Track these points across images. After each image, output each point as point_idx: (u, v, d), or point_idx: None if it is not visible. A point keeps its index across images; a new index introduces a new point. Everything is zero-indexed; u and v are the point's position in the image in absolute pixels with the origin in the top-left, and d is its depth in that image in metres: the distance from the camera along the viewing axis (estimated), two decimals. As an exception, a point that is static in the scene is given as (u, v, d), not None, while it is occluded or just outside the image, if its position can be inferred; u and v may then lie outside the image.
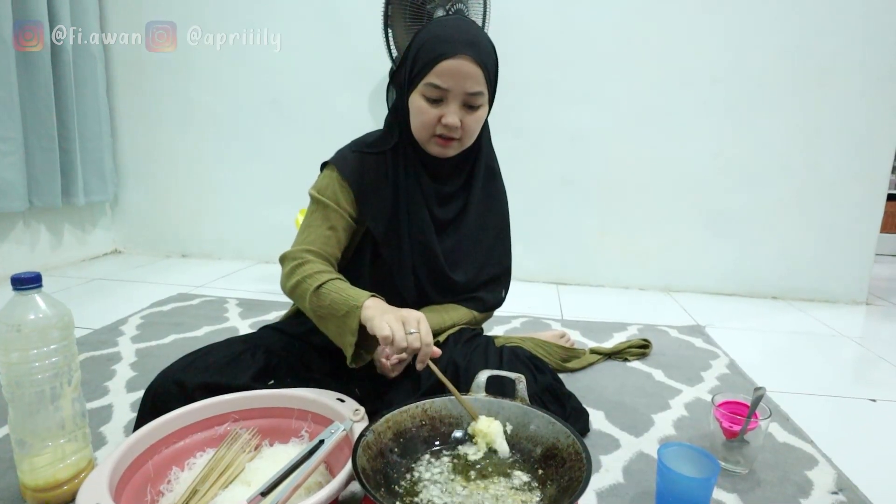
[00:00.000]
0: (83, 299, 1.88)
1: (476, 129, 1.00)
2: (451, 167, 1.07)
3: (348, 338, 0.87)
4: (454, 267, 1.08)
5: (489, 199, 1.14)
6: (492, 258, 1.15)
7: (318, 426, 0.85)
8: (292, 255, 0.98)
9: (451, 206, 1.08)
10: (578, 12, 2.13)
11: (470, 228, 1.10)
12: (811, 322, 1.93)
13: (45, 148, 2.11)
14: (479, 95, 0.95)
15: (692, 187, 2.20)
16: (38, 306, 0.76)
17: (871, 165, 2.09)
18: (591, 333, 1.67)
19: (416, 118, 0.98)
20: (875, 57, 2.01)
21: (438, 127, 0.96)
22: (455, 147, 1.00)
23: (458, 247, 1.09)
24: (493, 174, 1.15)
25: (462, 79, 0.92)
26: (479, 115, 0.98)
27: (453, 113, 0.95)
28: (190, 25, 2.32)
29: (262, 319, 1.66)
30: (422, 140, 1.00)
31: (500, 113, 2.22)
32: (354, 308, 0.85)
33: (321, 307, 0.90)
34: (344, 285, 0.91)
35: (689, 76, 2.12)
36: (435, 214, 1.06)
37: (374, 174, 1.03)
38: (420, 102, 0.96)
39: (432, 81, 0.93)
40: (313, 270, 0.94)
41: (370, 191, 1.03)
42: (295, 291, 0.95)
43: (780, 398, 1.26)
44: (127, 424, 1.03)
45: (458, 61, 0.92)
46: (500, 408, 0.81)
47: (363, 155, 1.04)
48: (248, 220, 2.50)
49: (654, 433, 1.07)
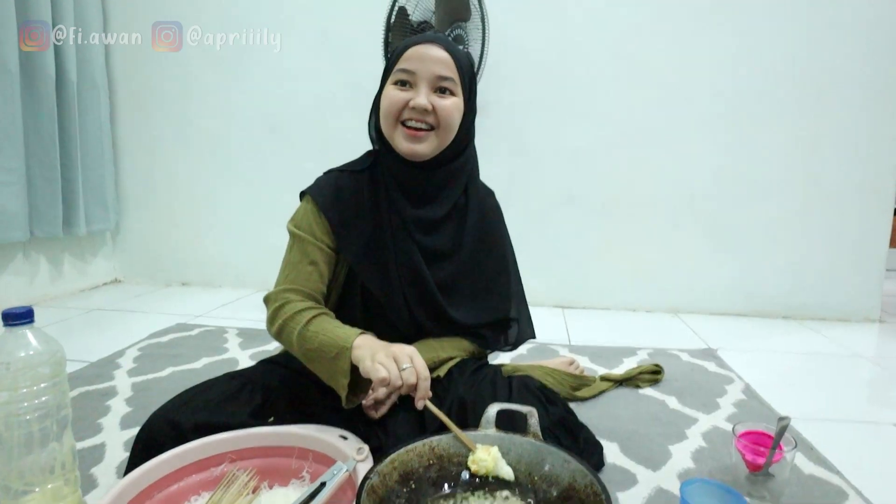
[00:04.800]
0: (81, 331, 1.84)
1: (450, 118, 0.93)
2: (432, 187, 0.99)
3: (340, 380, 0.83)
4: (452, 302, 1.01)
5: (487, 226, 1.06)
6: (495, 298, 1.07)
7: (319, 466, 0.81)
8: (274, 296, 0.94)
9: (440, 237, 1.01)
10: (576, 32, 2.14)
11: (466, 260, 1.02)
12: (825, 342, 1.88)
13: (48, 177, 2.10)
14: (450, 81, 0.92)
15: (696, 204, 2.18)
16: (29, 343, 0.73)
17: (876, 178, 2.07)
18: (600, 359, 1.63)
19: (384, 107, 0.93)
20: (875, 68, 2.00)
21: (406, 111, 0.91)
22: (429, 141, 0.93)
23: (452, 279, 1.01)
24: (488, 195, 1.09)
25: (430, 61, 0.90)
26: (451, 103, 0.93)
27: (422, 95, 0.90)
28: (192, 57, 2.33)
29: (262, 350, 1.62)
30: (389, 133, 0.94)
31: (502, 133, 2.24)
32: (344, 349, 0.82)
33: (310, 350, 0.86)
34: (330, 325, 0.87)
35: (689, 91, 2.12)
36: (420, 242, 0.98)
37: (353, 199, 0.98)
38: (388, 91, 0.93)
39: (401, 66, 0.91)
40: (295, 311, 0.90)
41: (348, 219, 0.97)
42: (281, 335, 0.91)
43: (801, 425, 1.21)
44: (119, 465, 0.98)
45: (426, 45, 0.91)
46: (511, 444, 0.77)
47: (339, 176, 1.01)
48: (249, 246, 2.47)
49: (673, 466, 1.02)
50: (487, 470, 0.74)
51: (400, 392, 0.81)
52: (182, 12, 2.32)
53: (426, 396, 0.80)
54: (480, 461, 0.74)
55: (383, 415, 0.94)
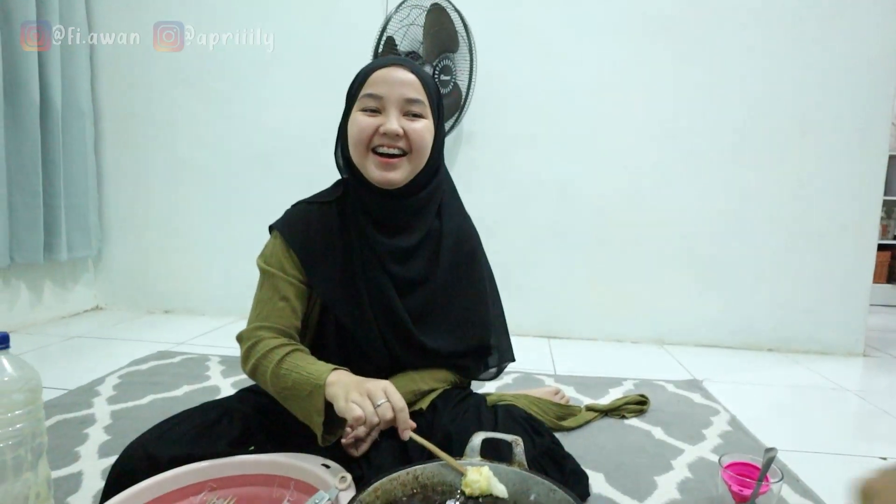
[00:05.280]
0: (60, 358, 1.81)
1: (422, 142, 0.91)
2: (405, 216, 0.96)
3: (315, 418, 0.82)
4: (424, 331, 0.97)
5: (461, 253, 1.02)
6: (472, 325, 1.02)
7: (301, 495, 0.79)
8: (247, 335, 0.92)
9: (413, 265, 0.97)
10: (563, 66, 2.18)
11: (439, 288, 0.98)
12: (809, 375, 1.89)
13: (29, 204, 2.08)
14: (419, 104, 0.90)
15: (682, 237, 2.20)
16: (4, 369, 0.72)
17: (860, 215, 2.10)
18: (585, 389, 1.62)
19: (353, 134, 0.90)
20: (857, 107, 2.06)
21: (377, 138, 0.89)
22: (403, 167, 0.90)
23: (425, 306, 0.98)
24: (464, 220, 1.05)
25: (398, 84, 0.88)
26: (422, 126, 0.90)
27: (393, 119, 0.88)
28: (178, 86, 2.36)
29: (244, 378, 1.59)
30: (360, 161, 0.91)
31: (488, 166, 2.27)
32: (317, 387, 0.80)
33: (284, 389, 0.84)
34: (303, 361, 0.86)
35: (675, 128, 2.16)
36: (393, 273, 0.95)
37: (321, 230, 0.96)
38: (356, 117, 0.90)
39: (367, 91, 0.89)
40: (268, 349, 0.88)
41: (318, 252, 0.95)
42: (255, 375, 0.90)
43: (786, 457, 1.21)
44: (96, 494, 0.96)
45: (392, 68, 0.89)
46: (496, 473, 0.76)
47: (307, 208, 0.99)
48: (231, 274, 2.44)
49: (659, 497, 1.01)
50: (482, 490, 0.73)
51: (380, 428, 0.79)
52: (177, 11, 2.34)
53: (409, 427, 0.78)
54: (473, 483, 0.73)
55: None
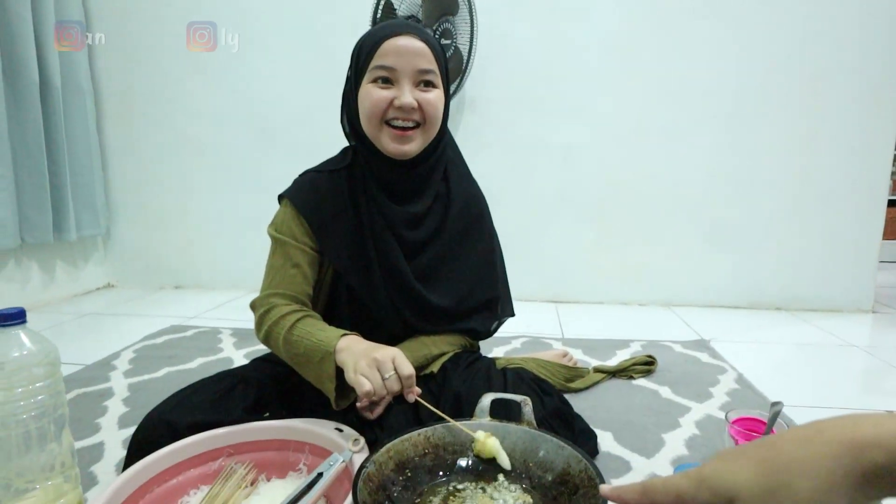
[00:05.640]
0: (75, 335, 1.84)
1: (436, 112, 0.91)
2: (414, 184, 0.98)
3: (327, 384, 0.84)
4: (431, 289, 0.99)
5: (468, 215, 1.03)
6: (479, 282, 1.04)
7: (316, 458, 0.81)
8: (259, 302, 0.94)
9: (423, 229, 0.99)
10: (566, 28, 2.14)
11: (447, 246, 1.00)
12: (817, 332, 1.90)
13: (36, 184, 2.09)
14: (432, 73, 0.89)
15: (689, 200, 2.19)
16: (23, 343, 0.73)
17: (870, 172, 2.08)
18: (593, 352, 1.64)
19: (365, 106, 0.89)
20: (868, 62, 2.02)
21: (391, 111, 0.88)
22: (417, 139, 0.91)
23: (432, 265, 0.99)
24: (470, 184, 1.06)
25: (411, 55, 0.87)
26: (435, 96, 0.90)
27: (406, 92, 0.87)
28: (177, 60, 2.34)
29: (257, 349, 1.62)
30: (373, 134, 0.91)
31: (492, 130, 2.24)
32: (328, 354, 0.82)
33: (297, 355, 0.87)
34: (314, 327, 0.87)
35: (681, 88, 2.13)
36: (404, 237, 0.96)
37: (331, 198, 0.97)
38: (368, 90, 0.89)
39: (379, 63, 0.87)
40: (280, 315, 0.90)
41: (328, 219, 0.96)
42: (268, 341, 0.92)
43: (794, 413, 1.22)
44: (118, 462, 0.99)
45: (403, 38, 0.87)
46: (506, 432, 0.78)
47: (316, 176, 0.99)
48: (240, 248, 2.46)
49: (666, 454, 1.03)
50: (487, 453, 0.75)
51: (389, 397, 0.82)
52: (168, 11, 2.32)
53: (414, 392, 0.81)
54: (482, 446, 0.75)
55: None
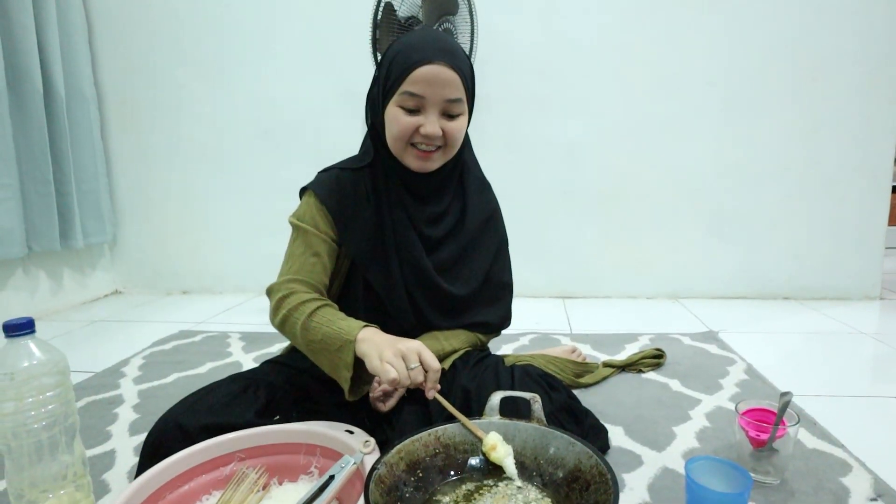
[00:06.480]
0: (84, 343, 1.85)
1: (459, 137, 0.95)
2: (434, 185, 1.01)
3: (343, 373, 0.83)
4: (451, 280, 1.02)
5: (485, 213, 1.08)
6: (493, 273, 1.08)
7: (327, 461, 0.81)
8: (277, 287, 0.94)
9: (443, 225, 1.02)
10: (565, 24, 2.13)
11: (466, 240, 1.04)
12: (826, 321, 1.89)
13: (42, 192, 2.10)
14: (459, 103, 0.91)
15: (693, 191, 2.18)
16: (32, 353, 0.73)
17: (873, 158, 2.07)
18: (601, 346, 1.64)
19: (392, 129, 0.93)
20: (870, 48, 2.01)
21: (416, 136, 0.92)
22: (437, 158, 0.95)
23: (452, 258, 1.03)
24: (485, 187, 1.10)
25: (440, 86, 0.89)
26: (459, 124, 0.93)
27: (433, 122, 0.90)
28: (180, 66, 2.34)
29: (265, 352, 1.63)
30: (398, 152, 0.95)
31: (495, 128, 2.24)
32: (348, 343, 0.82)
33: (313, 342, 0.86)
34: (334, 316, 0.88)
35: (683, 80, 2.12)
36: (425, 234, 1.00)
37: (353, 194, 0.99)
38: (396, 113, 0.91)
39: (408, 90, 0.89)
40: (299, 301, 0.89)
41: (350, 213, 0.98)
42: (284, 326, 0.91)
43: (803, 402, 1.22)
44: (130, 470, 0.99)
45: (434, 67, 0.88)
46: (516, 430, 0.78)
47: (340, 173, 1.01)
48: (247, 252, 2.47)
49: (678, 447, 1.03)
50: (494, 458, 0.75)
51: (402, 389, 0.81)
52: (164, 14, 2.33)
53: (436, 388, 0.81)
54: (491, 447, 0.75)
55: (389, 410, 0.94)
